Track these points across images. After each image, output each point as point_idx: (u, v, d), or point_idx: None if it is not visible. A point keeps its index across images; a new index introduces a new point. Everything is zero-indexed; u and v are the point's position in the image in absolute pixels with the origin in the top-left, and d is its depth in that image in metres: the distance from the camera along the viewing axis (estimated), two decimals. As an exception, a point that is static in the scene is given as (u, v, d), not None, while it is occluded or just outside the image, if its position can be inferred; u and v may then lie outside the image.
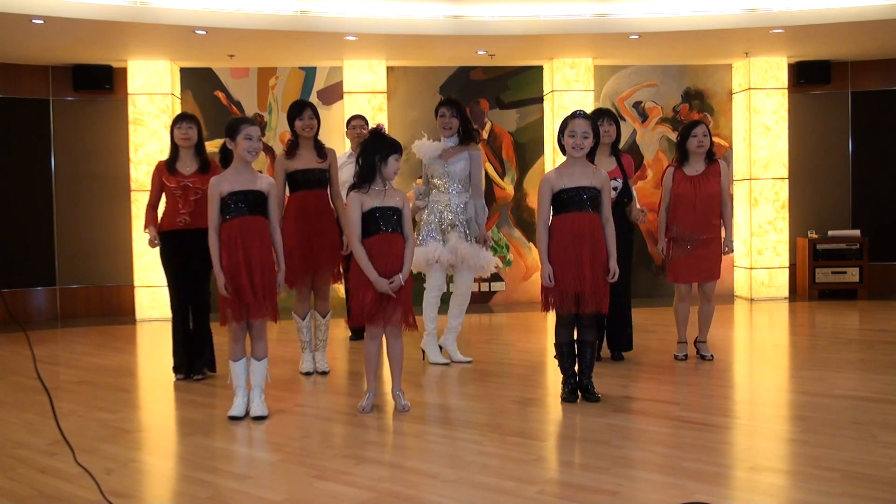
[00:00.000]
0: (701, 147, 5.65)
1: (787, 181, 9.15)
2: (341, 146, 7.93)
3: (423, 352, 5.92)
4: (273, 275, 4.47)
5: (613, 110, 9.13)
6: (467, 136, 5.74)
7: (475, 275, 5.82)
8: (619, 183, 5.59)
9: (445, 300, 5.88)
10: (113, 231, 8.77)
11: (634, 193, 5.96)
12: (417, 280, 6.02)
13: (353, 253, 4.43)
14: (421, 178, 5.95)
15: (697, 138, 5.64)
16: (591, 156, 4.67)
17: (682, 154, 5.71)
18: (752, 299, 9.09)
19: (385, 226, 4.37)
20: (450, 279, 5.92)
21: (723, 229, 5.72)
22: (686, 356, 5.83)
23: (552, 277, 4.55)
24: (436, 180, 5.74)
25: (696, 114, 9.32)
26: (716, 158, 5.70)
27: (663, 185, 5.77)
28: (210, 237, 4.42)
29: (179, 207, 5.33)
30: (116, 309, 8.88)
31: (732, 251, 5.83)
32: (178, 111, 8.42)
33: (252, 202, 4.40)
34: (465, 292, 5.83)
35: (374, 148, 4.41)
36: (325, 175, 5.43)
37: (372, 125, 4.62)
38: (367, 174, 4.40)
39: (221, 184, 4.41)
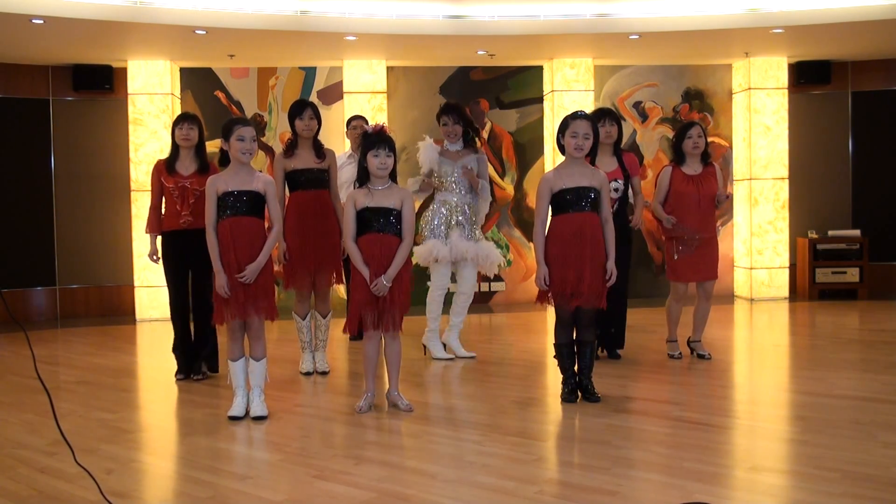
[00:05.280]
0: (696, 148, 5.68)
1: (787, 181, 9.15)
2: (341, 146, 7.94)
3: (425, 347, 5.99)
4: (269, 275, 4.47)
5: (614, 110, 9.19)
6: (470, 138, 5.90)
7: (484, 270, 5.91)
8: (619, 184, 5.60)
9: (447, 300, 5.97)
10: (113, 231, 8.77)
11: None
12: (420, 279, 6.05)
13: (347, 251, 4.45)
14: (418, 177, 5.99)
15: (693, 139, 5.67)
16: (591, 156, 4.67)
17: (678, 155, 5.75)
18: (752, 299, 9.09)
19: (377, 226, 4.37)
20: (453, 278, 5.99)
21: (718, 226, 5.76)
22: (681, 354, 5.85)
23: (547, 280, 4.56)
24: (444, 180, 5.80)
25: (696, 114, 9.32)
26: (710, 161, 5.74)
27: (659, 182, 5.79)
28: (208, 236, 4.42)
29: (179, 209, 5.33)
30: (116, 309, 8.88)
31: (728, 197, 5.82)
32: (178, 111, 8.42)
33: (246, 202, 4.39)
34: (468, 290, 5.93)
35: (363, 147, 4.44)
36: (323, 175, 5.43)
37: (370, 126, 4.62)
38: (360, 174, 4.45)
39: (217, 183, 4.42)
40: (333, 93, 8.97)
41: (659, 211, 5.74)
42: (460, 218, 5.80)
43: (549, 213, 4.67)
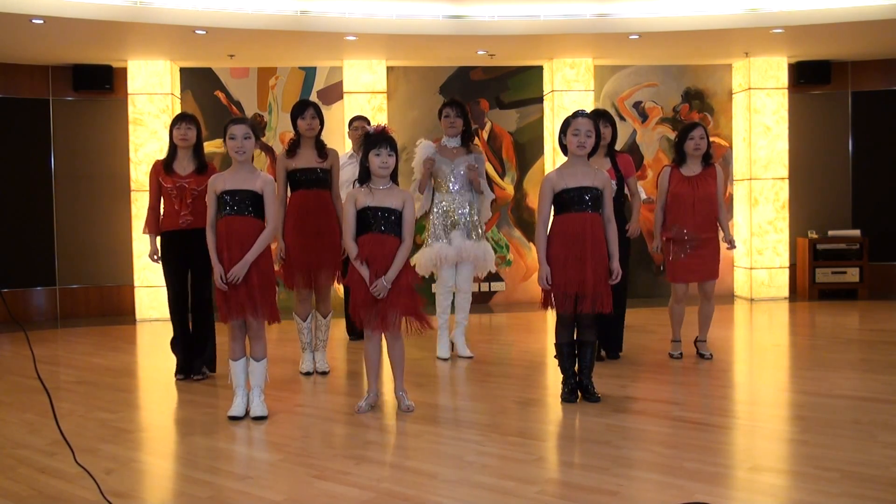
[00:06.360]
0: (698, 150, 5.68)
1: (787, 181, 9.15)
2: (341, 146, 7.94)
3: (452, 344, 6.10)
4: (269, 276, 4.46)
5: (613, 110, 9.20)
6: (468, 137, 5.91)
7: (478, 272, 5.97)
8: (612, 184, 5.60)
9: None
10: (113, 231, 8.77)
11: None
12: (426, 281, 6.07)
13: (346, 250, 4.45)
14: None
15: (694, 141, 5.67)
16: (589, 155, 4.67)
17: (679, 155, 5.76)
18: (752, 299, 9.09)
19: (377, 225, 4.36)
20: None
21: (720, 231, 5.78)
22: (681, 354, 5.85)
23: (549, 279, 4.56)
24: (442, 180, 5.81)
25: (696, 114, 9.32)
26: (712, 163, 5.74)
27: (659, 185, 5.82)
28: (207, 233, 4.44)
29: (177, 208, 5.32)
30: (116, 309, 8.88)
31: (735, 246, 5.85)
32: (178, 111, 8.42)
33: (246, 201, 4.39)
34: (467, 288, 5.97)
35: (364, 147, 4.45)
36: (325, 175, 5.43)
37: (372, 126, 4.62)
38: (361, 173, 4.44)
39: (217, 181, 4.43)
40: (333, 93, 8.97)
41: (657, 222, 5.75)
42: (459, 218, 5.81)
43: (552, 212, 4.66)
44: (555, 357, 4.78)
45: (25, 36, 7.32)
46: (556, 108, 8.86)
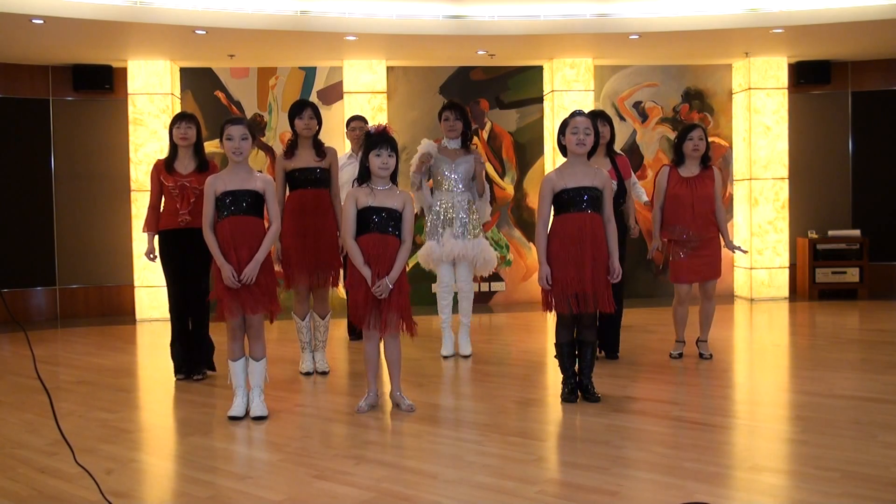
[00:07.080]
0: (696, 151, 5.68)
1: (787, 181, 9.16)
2: (341, 146, 7.94)
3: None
4: (271, 273, 4.46)
5: (613, 110, 9.20)
6: (468, 139, 5.96)
7: (479, 271, 6.00)
8: (613, 185, 5.61)
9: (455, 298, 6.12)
10: (113, 231, 8.77)
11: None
12: (420, 279, 6.08)
13: (346, 249, 4.46)
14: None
15: (693, 142, 5.67)
16: (589, 155, 4.67)
17: (678, 156, 5.77)
18: (752, 299, 9.09)
19: (377, 226, 4.36)
20: None
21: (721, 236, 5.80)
22: (681, 354, 5.86)
23: (550, 279, 4.55)
24: (441, 179, 5.83)
25: (695, 114, 9.32)
26: (710, 164, 5.74)
27: (657, 185, 5.82)
28: (206, 233, 4.41)
29: (178, 207, 5.33)
30: (116, 309, 8.88)
31: (745, 250, 5.93)
32: (178, 111, 8.42)
33: (245, 202, 4.39)
34: (466, 288, 6.00)
35: (365, 147, 4.45)
36: (323, 174, 5.43)
37: (373, 126, 4.62)
38: (361, 173, 4.44)
39: (216, 182, 4.42)
40: (333, 93, 8.97)
41: (655, 222, 5.75)
42: (455, 217, 5.83)
43: (552, 212, 4.66)
44: (555, 357, 4.78)
45: (25, 36, 7.32)
46: (556, 108, 8.86)
